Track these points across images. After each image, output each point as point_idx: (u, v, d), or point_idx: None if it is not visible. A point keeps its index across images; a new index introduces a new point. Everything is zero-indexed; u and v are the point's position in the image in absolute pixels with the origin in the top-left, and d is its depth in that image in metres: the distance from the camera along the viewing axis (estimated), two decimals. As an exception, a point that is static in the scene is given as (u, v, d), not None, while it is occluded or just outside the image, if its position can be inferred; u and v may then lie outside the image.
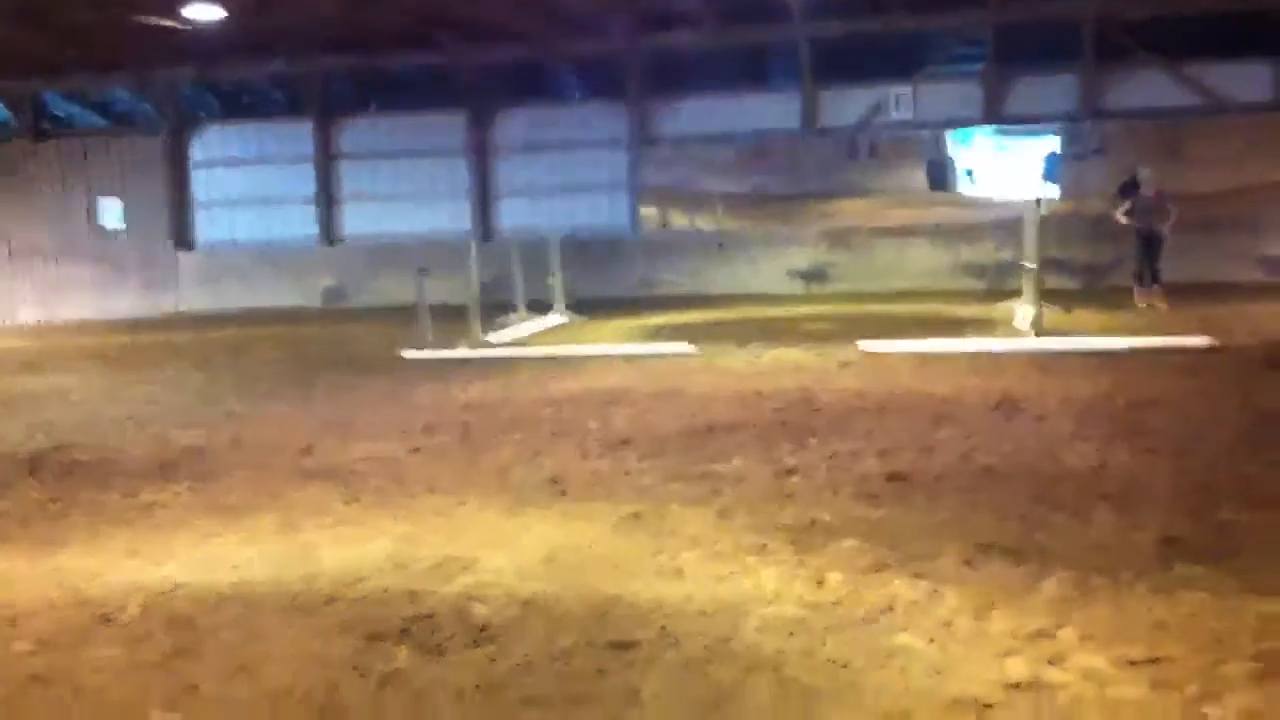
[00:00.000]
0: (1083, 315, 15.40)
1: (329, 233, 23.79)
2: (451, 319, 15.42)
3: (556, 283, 17.82)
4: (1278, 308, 15.52)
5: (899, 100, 21.40)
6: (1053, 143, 20.98)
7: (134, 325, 16.83)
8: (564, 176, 22.46)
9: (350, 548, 6.16)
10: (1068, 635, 4.52)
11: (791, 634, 4.66)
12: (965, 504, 6.53)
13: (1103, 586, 5.05)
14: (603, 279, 21.11)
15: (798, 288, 21.14)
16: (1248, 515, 6.04)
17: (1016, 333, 12.91)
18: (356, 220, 23.84)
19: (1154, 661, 4.23)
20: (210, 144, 24.03)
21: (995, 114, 21.01)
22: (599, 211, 22.43)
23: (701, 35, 21.80)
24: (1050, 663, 4.27)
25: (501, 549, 6.03)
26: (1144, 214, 16.40)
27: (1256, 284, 19.05)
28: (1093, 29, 20.12)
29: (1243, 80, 19.98)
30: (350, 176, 23.74)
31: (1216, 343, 12.05)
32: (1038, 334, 12.58)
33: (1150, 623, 4.60)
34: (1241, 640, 4.37)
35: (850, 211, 21.78)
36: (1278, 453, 7.37)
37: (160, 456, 8.86)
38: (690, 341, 14.12)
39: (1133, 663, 4.22)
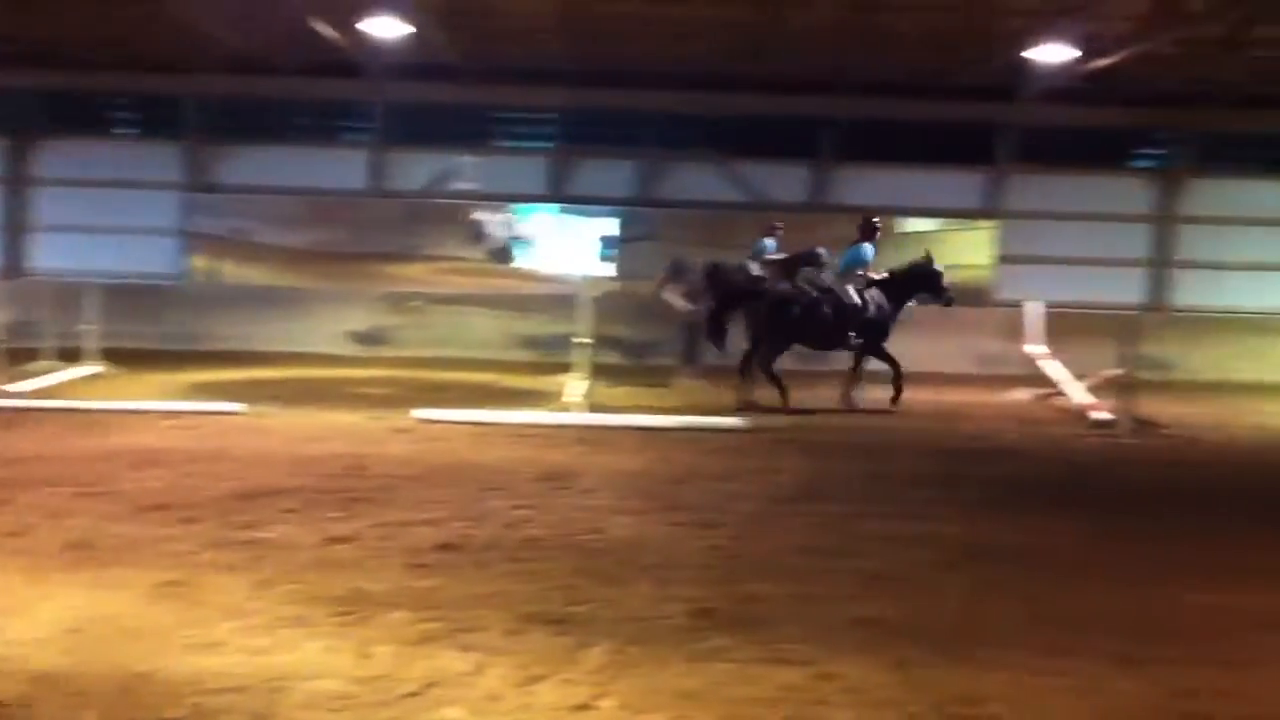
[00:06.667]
0: (628, 392, 16.10)
1: None
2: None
3: (92, 330, 16.56)
4: (800, 392, 16.85)
5: (465, 169, 21.81)
6: (610, 224, 22.01)
7: None
8: (112, 216, 21.15)
9: None
10: (607, 705, 4.66)
11: (335, 710, 4.53)
12: (512, 574, 6.62)
13: (641, 656, 5.25)
14: (148, 329, 19.93)
15: (355, 349, 20.85)
16: (771, 587, 6.48)
17: (567, 406, 13.30)
18: None
19: (683, 730, 4.43)
20: None
21: (560, 192, 21.82)
22: (148, 256, 21.26)
23: (275, 84, 21.30)
24: (590, 733, 4.38)
25: (16, 618, 5.51)
26: (693, 297, 17.38)
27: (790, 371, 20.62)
28: (655, 123, 21.51)
29: (783, 180, 21.98)
30: None
31: (750, 424, 12.92)
32: (587, 409, 13.02)
33: (681, 692, 4.82)
34: (761, 708, 4.66)
35: (410, 276, 21.84)
36: (797, 532, 7.97)
37: None
38: (239, 400, 13.56)
39: (663, 732, 4.41)
